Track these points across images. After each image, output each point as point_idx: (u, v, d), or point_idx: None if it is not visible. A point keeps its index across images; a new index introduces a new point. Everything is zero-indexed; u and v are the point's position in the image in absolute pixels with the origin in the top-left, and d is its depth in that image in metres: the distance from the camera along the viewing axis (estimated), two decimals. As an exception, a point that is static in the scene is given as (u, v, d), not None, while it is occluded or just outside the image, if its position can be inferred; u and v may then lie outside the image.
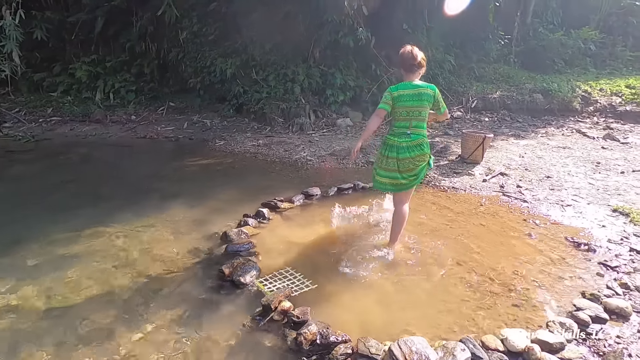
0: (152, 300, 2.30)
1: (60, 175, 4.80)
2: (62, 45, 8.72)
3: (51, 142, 6.60)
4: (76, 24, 8.36)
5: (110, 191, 4.23)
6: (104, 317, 2.16)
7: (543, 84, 8.40)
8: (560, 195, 3.82)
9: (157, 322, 2.10)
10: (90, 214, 3.51)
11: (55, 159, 5.62)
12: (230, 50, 7.85)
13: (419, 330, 2.01)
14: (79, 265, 2.69)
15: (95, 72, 8.45)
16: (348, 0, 6.66)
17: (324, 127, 7.16)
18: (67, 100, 8.30)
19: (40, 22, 8.03)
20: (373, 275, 2.52)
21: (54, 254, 2.85)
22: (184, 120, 7.77)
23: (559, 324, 1.95)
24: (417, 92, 2.58)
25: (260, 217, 3.29)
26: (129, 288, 2.43)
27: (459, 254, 2.77)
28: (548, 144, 6.00)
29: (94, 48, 8.68)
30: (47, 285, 2.46)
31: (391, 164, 2.62)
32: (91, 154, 5.94)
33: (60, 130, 7.35)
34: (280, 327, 1.99)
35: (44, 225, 3.30)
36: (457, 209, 3.60)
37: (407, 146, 2.59)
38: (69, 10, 8.54)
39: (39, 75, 8.55)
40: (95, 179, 4.71)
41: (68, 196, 4.10)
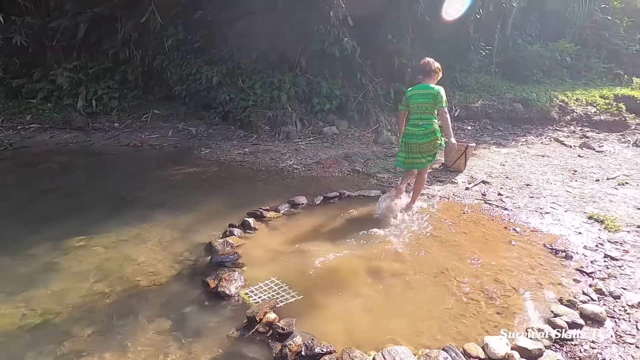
0: (135, 313, 2.26)
1: (40, 185, 4.68)
2: (42, 51, 8.55)
3: (30, 150, 6.44)
4: (57, 30, 8.22)
5: (92, 201, 4.15)
6: (86, 331, 2.11)
7: (523, 93, 8.68)
8: (539, 202, 3.94)
9: (141, 336, 2.06)
10: (70, 225, 3.42)
11: (34, 168, 5.47)
12: (216, 58, 7.85)
13: (403, 339, 2.04)
14: (59, 278, 2.62)
15: (77, 78, 8.30)
16: (334, 11, 6.78)
17: (310, 135, 7.20)
18: (47, 107, 8.11)
19: (20, 27, 7.86)
20: (358, 284, 2.54)
21: (32, 266, 2.77)
22: (169, 128, 7.70)
23: (537, 329, 2.00)
24: (425, 91, 3.42)
25: (246, 227, 3.28)
26: (112, 301, 2.38)
27: (442, 262, 2.82)
28: (528, 152, 6.19)
29: (76, 54, 8.53)
30: (25, 299, 2.38)
31: (414, 148, 3.45)
32: (72, 163, 5.81)
33: (39, 138, 7.17)
34: (266, 339, 1.98)
35: (22, 237, 3.21)
36: (440, 217, 3.66)
37: (423, 134, 3.40)
38: (50, 15, 8.39)
39: (18, 81, 8.34)
40: (76, 188, 4.60)
41: (47, 206, 4.00)
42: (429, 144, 3.43)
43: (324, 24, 7.02)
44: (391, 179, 4.78)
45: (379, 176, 4.91)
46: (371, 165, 5.36)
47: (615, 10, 11.31)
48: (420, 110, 3.41)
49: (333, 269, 2.71)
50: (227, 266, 2.65)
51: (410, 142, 3.45)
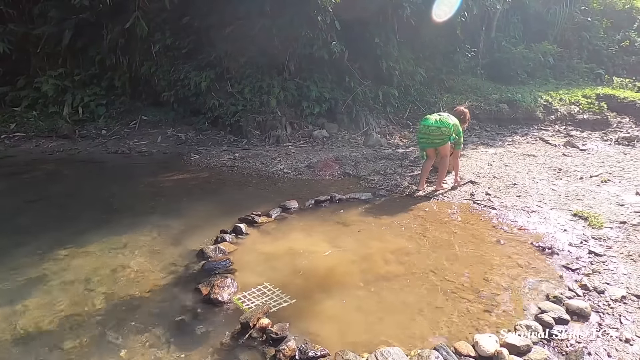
0: (126, 323, 2.24)
1: (25, 195, 4.60)
2: (26, 59, 8.40)
3: (14, 160, 6.31)
4: (42, 37, 8.09)
5: (80, 210, 4.09)
6: (77, 343, 2.08)
7: (508, 94, 8.85)
8: (526, 201, 4.03)
9: (133, 345, 2.05)
10: (58, 235, 3.37)
11: (19, 177, 5.37)
12: (204, 64, 7.82)
13: (395, 340, 2.06)
14: (48, 290, 2.58)
15: (62, 85, 8.18)
16: (321, 15, 6.83)
17: (300, 139, 7.23)
18: (32, 115, 7.96)
19: (3, 35, 7.72)
20: (350, 287, 2.56)
21: (19, 279, 2.72)
22: (158, 134, 7.64)
23: (525, 326, 2.05)
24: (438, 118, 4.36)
25: (238, 232, 3.28)
26: (103, 311, 2.36)
27: (432, 262, 2.86)
28: (514, 152, 6.31)
29: (61, 61, 8.39)
30: (13, 313, 2.34)
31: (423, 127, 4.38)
32: (59, 171, 5.72)
33: (24, 147, 7.04)
34: (260, 344, 1.99)
35: (7, 249, 3.15)
36: (430, 217, 3.72)
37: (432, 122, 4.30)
38: (34, 23, 8.25)
39: (1, 89, 8.18)
40: (63, 197, 4.53)
41: (34, 217, 3.93)
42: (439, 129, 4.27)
43: (312, 28, 7.07)
44: (381, 181, 4.83)
45: (369, 178, 4.95)
46: (361, 168, 5.40)
47: (594, 11, 11.63)
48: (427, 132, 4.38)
49: (325, 273, 2.73)
50: (219, 272, 2.65)
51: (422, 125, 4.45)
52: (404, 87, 8.67)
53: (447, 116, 4.38)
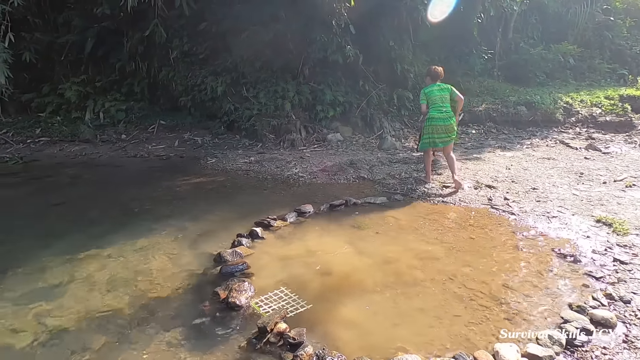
0: (146, 325, 2.29)
1: (50, 198, 4.75)
2: (51, 66, 8.72)
3: (40, 164, 6.55)
4: (65, 45, 8.39)
5: (101, 213, 4.20)
6: (99, 343, 2.14)
7: (526, 96, 8.68)
8: (546, 206, 3.93)
9: (153, 348, 2.09)
10: (81, 238, 3.48)
11: (44, 181, 5.57)
12: (220, 69, 7.96)
13: (413, 347, 2.04)
14: (71, 291, 2.67)
15: (85, 92, 8.46)
16: (336, 20, 6.86)
17: (314, 143, 7.26)
18: (56, 120, 8.26)
19: (30, 43, 8.04)
20: (366, 292, 2.55)
21: (45, 280, 2.82)
22: (175, 139, 7.80)
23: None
24: (441, 87, 4.59)
25: (254, 236, 3.31)
26: (123, 313, 2.42)
27: (450, 268, 2.82)
28: (533, 155, 6.17)
29: (83, 68, 8.70)
30: (39, 313, 2.43)
31: (441, 130, 4.52)
32: (81, 175, 5.90)
33: (49, 151, 7.30)
34: (277, 349, 2.00)
35: (35, 250, 3.26)
36: (447, 222, 3.67)
37: (446, 117, 4.50)
38: (58, 31, 8.57)
39: (27, 96, 8.52)
40: (85, 201, 4.67)
41: (58, 220, 4.06)
42: (452, 125, 4.57)
43: (326, 32, 7.11)
44: (396, 185, 4.80)
45: (385, 182, 4.93)
46: (376, 172, 5.38)
47: (617, 10, 11.30)
48: (442, 100, 4.53)
49: (341, 277, 2.73)
50: (236, 276, 2.68)
51: (437, 125, 4.51)
52: (419, 89, 8.56)
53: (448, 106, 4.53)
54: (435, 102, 4.52)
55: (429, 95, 4.55)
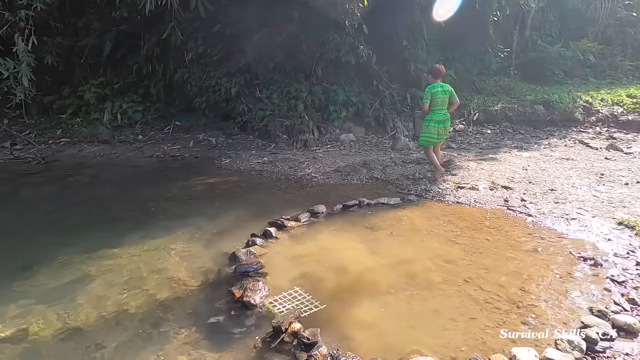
0: (163, 322, 2.33)
1: (70, 197, 4.90)
2: (71, 69, 8.98)
3: (61, 164, 6.75)
4: (85, 48, 8.63)
5: (119, 213, 4.30)
6: (118, 340, 2.19)
7: (544, 95, 8.49)
8: (565, 208, 3.84)
9: (169, 345, 2.13)
10: (99, 237, 3.57)
11: (65, 181, 5.73)
12: (234, 70, 8.04)
13: (428, 349, 2.03)
14: (91, 289, 2.74)
15: (103, 93, 8.68)
16: (349, 20, 6.85)
17: (327, 143, 7.26)
18: (75, 121, 8.51)
19: (51, 47, 8.30)
20: (380, 293, 2.54)
21: (66, 277, 2.90)
22: (190, 139, 7.92)
23: (567, 341, 1.96)
24: (444, 89, 4.79)
25: (268, 236, 3.34)
26: (141, 310, 2.47)
27: (465, 270, 2.79)
28: (551, 156, 6.03)
29: (102, 71, 8.93)
30: (61, 309, 2.50)
31: (441, 131, 4.89)
32: (99, 175, 6.05)
33: (69, 152, 7.51)
34: (291, 348, 2.01)
35: (56, 248, 3.37)
36: (462, 224, 3.62)
37: (447, 119, 4.91)
38: (78, 35, 8.82)
39: (49, 98, 8.80)
40: (104, 200, 4.79)
41: (78, 218, 4.18)
42: (449, 126, 5.05)
43: (339, 32, 7.11)
44: (410, 185, 4.76)
45: (398, 183, 4.90)
46: (390, 172, 5.35)
47: (640, 6, 10.96)
48: (442, 103, 4.80)
49: (354, 278, 2.72)
50: (250, 276, 2.71)
51: (437, 127, 4.84)
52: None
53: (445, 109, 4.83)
54: (437, 104, 4.77)
55: (433, 96, 4.74)
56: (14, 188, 5.43)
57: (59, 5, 8.27)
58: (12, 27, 7.59)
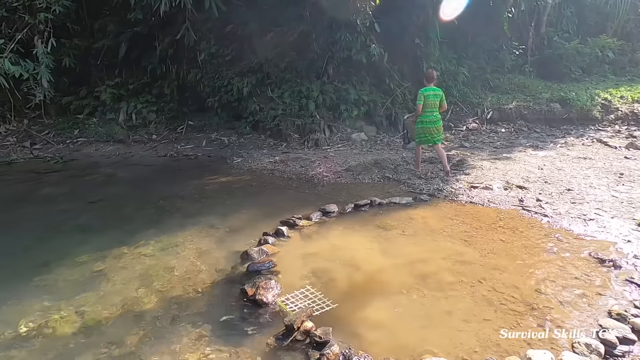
0: (177, 320, 2.37)
1: (87, 196, 5.01)
2: (88, 70, 9.18)
3: (78, 163, 6.91)
4: (101, 50, 8.81)
5: (135, 211, 4.38)
6: (134, 336, 2.24)
7: (560, 93, 8.31)
8: (582, 209, 3.75)
9: (183, 342, 2.17)
10: (115, 235, 3.64)
11: (82, 180, 5.87)
12: (246, 70, 8.10)
13: (440, 350, 2.01)
14: (108, 285, 2.80)
15: (118, 94, 8.85)
16: (360, 19, 6.82)
17: (338, 142, 7.25)
18: (92, 121, 8.69)
19: (69, 49, 8.50)
20: (391, 293, 2.53)
21: (84, 273, 2.97)
22: (203, 139, 8.01)
23: (584, 345, 1.91)
24: (435, 93, 5.07)
25: (280, 235, 3.36)
26: (156, 307, 2.52)
27: (478, 271, 2.75)
28: (568, 155, 5.90)
29: (117, 72, 9.10)
30: (79, 305, 2.56)
31: (434, 131, 5.13)
32: (115, 174, 6.18)
33: (86, 151, 7.69)
34: (303, 347, 2.02)
35: (74, 245, 3.46)
36: (475, 224, 3.58)
37: (438, 119, 5.15)
38: (94, 37, 9.01)
39: (67, 98, 9.01)
40: (119, 199, 4.89)
41: (94, 216, 4.28)
42: (441, 125, 5.24)
43: (351, 31, 7.09)
44: (422, 185, 4.72)
45: (410, 182, 4.86)
46: (401, 172, 5.32)
47: (662, 0, 10.60)
48: (433, 105, 5.07)
49: (366, 278, 2.72)
50: (263, 274, 2.73)
51: (430, 127, 5.11)
52: (445, 87, 8.39)
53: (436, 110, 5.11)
54: (428, 106, 5.05)
55: (426, 99, 5.02)
56: (34, 186, 5.58)
57: (76, 8, 8.47)
58: (31, 30, 7.81)
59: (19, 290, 2.74)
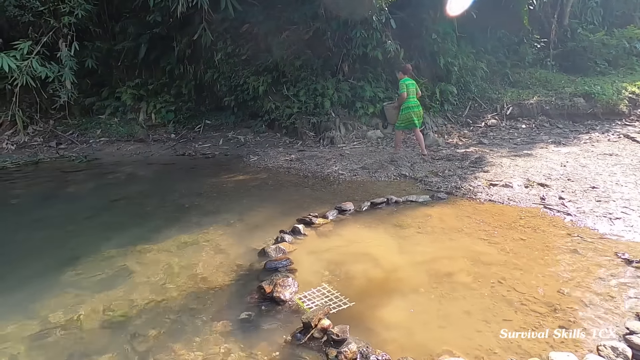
0: (197, 315, 2.42)
1: (110, 194, 5.17)
2: (109, 72, 9.46)
3: (100, 162, 7.14)
4: (122, 52, 9.05)
5: (155, 209, 4.50)
6: (156, 330, 2.30)
7: (585, 87, 8.02)
8: (608, 207, 3.62)
9: (203, 338, 2.21)
10: (137, 232, 3.75)
11: (105, 178, 6.06)
12: (262, 68, 8.17)
13: (459, 350, 1.99)
14: (131, 281, 2.89)
15: (138, 94, 9.08)
16: (376, 15, 6.76)
17: (354, 140, 7.23)
18: (114, 121, 8.95)
19: (91, 51, 8.76)
20: (409, 292, 2.52)
21: (108, 269, 3.07)
22: (220, 137, 8.14)
23: (610, 348, 1.86)
24: (412, 82, 6.04)
25: (296, 233, 3.38)
26: (176, 303, 2.58)
27: (498, 270, 2.70)
28: (592, 151, 5.70)
29: (137, 72, 9.34)
30: (104, 299, 2.66)
31: (418, 114, 6.00)
32: (135, 173, 6.35)
33: (108, 150, 7.93)
34: (321, 344, 2.04)
35: (98, 241, 3.57)
36: (494, 222, 3.51)
37: (417, 105, 6.02)
38: (115, 39, 9.26)
39: (89, 99, 9.31)
40: (140, 197, 5.03)
41: (117, 214, 4.42)
42: (422, 110, 6.12)
43: (367, 28, 7.04)
44: (440, 183, 4.66)
45: (427, 180, 4.81)
46: (418, 169, 5.26)
47: (695, -13, 10.07)
48: (414, 93, 6.00)
49: (383, 276, 2.71)
50: (280, 271, 2.76)
51: (415, 111, 5.97)
52: (463, 83, 8.27)
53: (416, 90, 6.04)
54: (410, 93, 5.92)
55: (408, 87, 5.91)
56: (60, 185, 5.80)
57: (98, 11, 8.72)
58: (56, 34, 8.09)
59: (50, 284, 2.86)
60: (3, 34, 8.28)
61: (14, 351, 2.18)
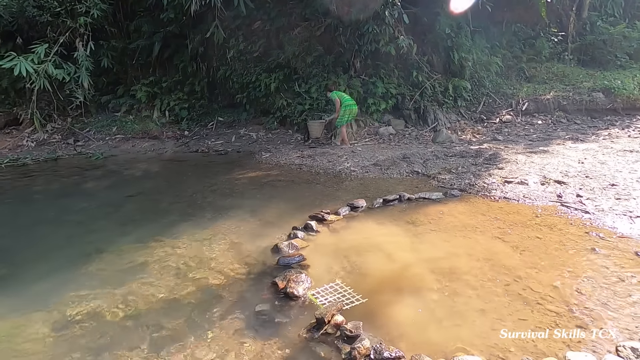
0: (211, 309, 2.46)
1: (126, 190, 5.28)
2: (124, 70, 9.62)
3: (116, 159, 7.29)
4: (136, 50, 9.19)
5: (169, 205, 4.57)
6: (172, 323, 2.35)
7: (604, 81, 7.80)
8: (629, 205, 3.53)
9: (217, 332, 2.25)
10: (154, 227, 3.82)
11: (121, 175, 6.19)
12: (273, 65, 8.19)
13: (474, 348, 1.97)
14: (147, 275, 2.95)
15: (153, 92, 9.21)
16: (389, 10, 6.70)
17: (366, 137, 7.21)
18: (129, 119, 9.12)
19: (107, 50, 8.93)
20: (422, 289, 2.51)
21: (125, 263, 3.15)
22: (232, 134, 8.21)
23: (630, 349, 1.82)
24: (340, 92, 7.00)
25: (309, 229, 3.40)
26: (191, 297, 2.63)
27: (513, 269, 2.67)
28: (612, 148, 5.55)
29: (151, 70, 9.47)
30: (122, 292, 2.72)
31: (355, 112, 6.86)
32: (150, 169, 6.47)
33: (123, 147, 8.08)
34: (334, 340, 2.05)
35: (115, 236, 3.66)
36: (509, 220, 3.46)
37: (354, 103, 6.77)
38: (130, 37, 9.40)
39: (105, 97, 9.49)
40: (155, 193, 5.12)
41: (133, 210, 4.51)
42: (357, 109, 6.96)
43: (379, 23, 6.98)
44: (453, 180, 4.61)
45: (440, 177, 4.76)
46: (430, 166, 5.21)
47: None
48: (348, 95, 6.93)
49: (396, 273, 2.71)
50: (293, 267, 2.78)
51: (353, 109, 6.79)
52: (477, 78, 8.14)
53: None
54: (345, 96, 6.79)
55: (338, 94, 6.75)
56: (78, 181, 5.95)
57: (113, 11, 8.86)
58: (72, 33, 8.26)
59: (71, 277, 2.94)
60: (22, 34, 8.49)
61: (38, 343, 2.26)
